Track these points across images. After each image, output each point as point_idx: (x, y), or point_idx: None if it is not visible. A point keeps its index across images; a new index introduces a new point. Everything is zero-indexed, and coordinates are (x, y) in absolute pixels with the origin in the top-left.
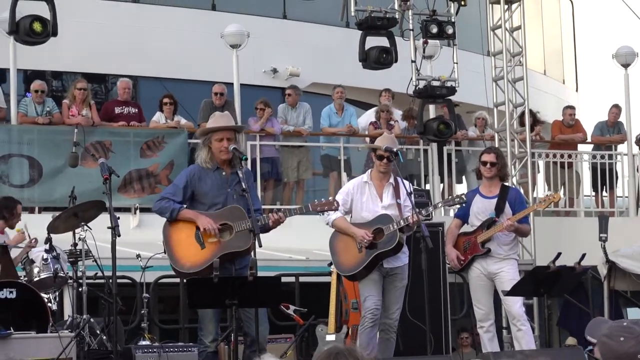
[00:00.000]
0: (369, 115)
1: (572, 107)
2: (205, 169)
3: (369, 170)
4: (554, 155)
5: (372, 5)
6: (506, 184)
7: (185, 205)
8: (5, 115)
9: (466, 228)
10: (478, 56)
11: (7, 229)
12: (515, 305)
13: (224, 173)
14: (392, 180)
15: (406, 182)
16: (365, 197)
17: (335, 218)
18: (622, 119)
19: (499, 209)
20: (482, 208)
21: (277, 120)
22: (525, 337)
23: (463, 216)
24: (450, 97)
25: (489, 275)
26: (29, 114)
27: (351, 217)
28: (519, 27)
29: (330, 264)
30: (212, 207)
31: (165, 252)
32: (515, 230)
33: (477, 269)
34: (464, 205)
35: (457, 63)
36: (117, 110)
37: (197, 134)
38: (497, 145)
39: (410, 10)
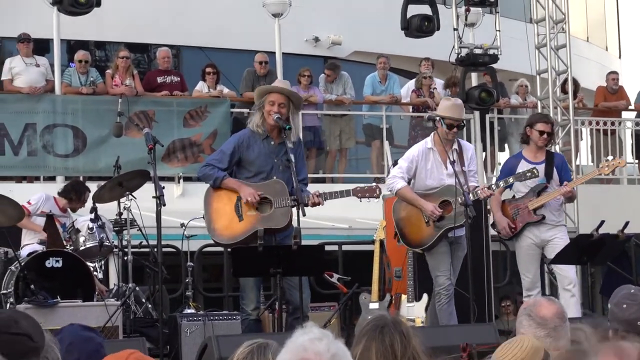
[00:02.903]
0: (410, 85)
1: (615, 72)
2: (255, 136)
3: (432, 134)
4: (597, 123)
5: None
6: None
7: (227, 173)
8: (52, 86)
9: (506, 194)
10: (520, 23)
11: (69, 210)
12: (571, 271)
13: (272, 142)
14: (456, 145)
15: (470, 145)
16: (429, 165)
17: (401, 187)
18: None
19: (549, 176)
20: None
21: (320, 89)
22: (576, 305)
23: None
24: (492, 65)
25: (541, 243)
26: (73, 84)
27: (414, 184)
28: None
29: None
30: (257, 175)
31: (204, 218)
32: (570, 196)
33: (528, 238)
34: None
35: (499, 30)
36: (160, 80)
37: (255, 94)
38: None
39: None
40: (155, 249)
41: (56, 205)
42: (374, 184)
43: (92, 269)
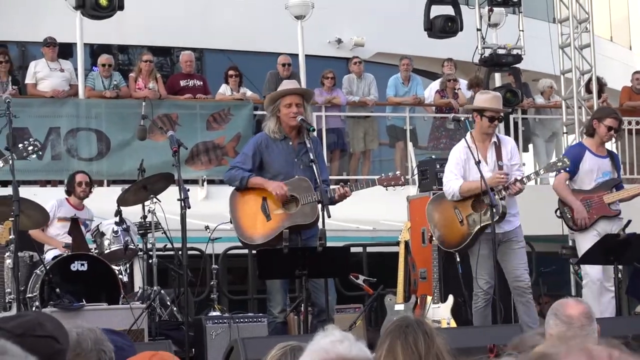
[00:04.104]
0: (434, 87)
1: None
2: (273, 139)
3: (469, 133)
4: (622, 122)
5: None
6: None
7: (252, 174)
8: (75, 90)
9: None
10: (544, 23)
11: (85, 204)
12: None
13: (291, 143)
14: (495, 139)
15: (509, 138)
16: (471, 163)
17: (460, 185)
18: None
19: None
20: (594, 166)
21: (343, 91)
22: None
23: (572, 171)
24: (516, 65)
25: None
26: (97, 88)
27: None
28: None
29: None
30: (276, 176)
31: (231, 222)
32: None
33: (596, 231)
34: (567, 169)
35: (523, 31)
36: (182, 83)
37: (265, 102)
38: (564, 113)
39: None
40: (180, 252)
41: (70, 206)
42: (398, 172)
43: (117, 272)
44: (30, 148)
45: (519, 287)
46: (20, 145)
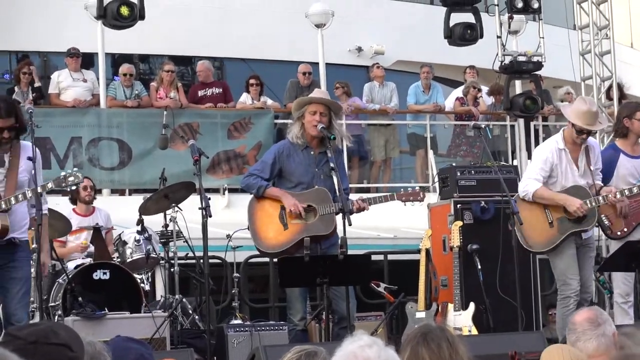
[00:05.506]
0: (456, 94)
1: None
2: (295, 146)
3: (562, 131)
4: None
5: None
6: None
7: (271, 183)
8: (97, 100)
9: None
10: (564, 30)
11: (98, 207)
12: None
13: (312, 152)
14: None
15: (595, 142)
16: (564, 166)
17: (536, 189)
18: None
19: None
20: (631, 169)
21: (363, 99)
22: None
23: (606, 176)
24: (536, 72)
25: None
26: (118, 98)
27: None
28: (605, 0)
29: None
30: (298, 185)
31: (248, 229)
32: None
33: (635, 239)
34: None
35: (543, 38)
36: (200, 93)
37: (293, 106)
38: None
39: None
40: (202, 260)
41: (77, 215)
42: (417, 187)
43: (139, 280)
44: (72, 179)
45: (584, 299)
46: (62, 175)
